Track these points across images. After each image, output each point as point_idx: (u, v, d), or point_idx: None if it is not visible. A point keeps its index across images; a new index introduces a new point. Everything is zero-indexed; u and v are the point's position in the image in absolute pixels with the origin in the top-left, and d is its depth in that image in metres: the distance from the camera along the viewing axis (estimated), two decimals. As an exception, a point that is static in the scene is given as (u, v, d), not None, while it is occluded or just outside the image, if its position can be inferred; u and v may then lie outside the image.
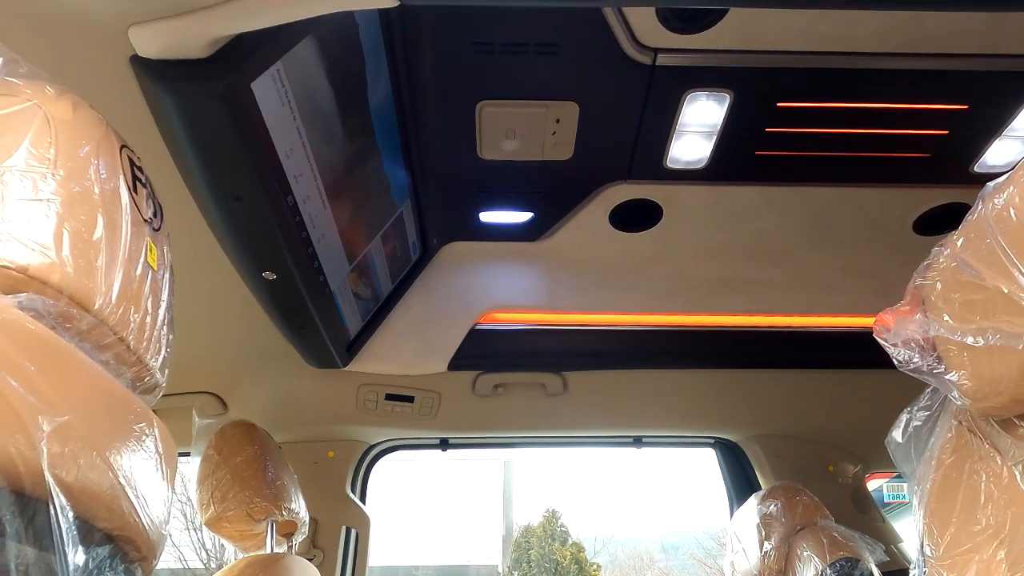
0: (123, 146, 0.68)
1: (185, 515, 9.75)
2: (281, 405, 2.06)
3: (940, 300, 0.73)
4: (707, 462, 2.54)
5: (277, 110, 1.11)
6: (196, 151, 1.07)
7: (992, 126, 1.56)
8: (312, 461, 2.09)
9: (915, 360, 0.76)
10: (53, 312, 0.53)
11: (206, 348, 1.85)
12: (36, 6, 0.87)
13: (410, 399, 2.05)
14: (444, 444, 2.26)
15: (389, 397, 2.04)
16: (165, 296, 0.69)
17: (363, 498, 2.23)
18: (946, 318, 0.72)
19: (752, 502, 1.84)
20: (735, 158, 1.64)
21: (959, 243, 0.72)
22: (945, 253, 0.74)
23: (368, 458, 2.26)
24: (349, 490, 2.15)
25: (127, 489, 0.58)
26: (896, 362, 0.78)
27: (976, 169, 1.67)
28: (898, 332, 0.77)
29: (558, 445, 2.39)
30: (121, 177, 0.64)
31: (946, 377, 0.72)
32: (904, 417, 0.85)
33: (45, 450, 0.48)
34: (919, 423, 0.84)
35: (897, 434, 0.85)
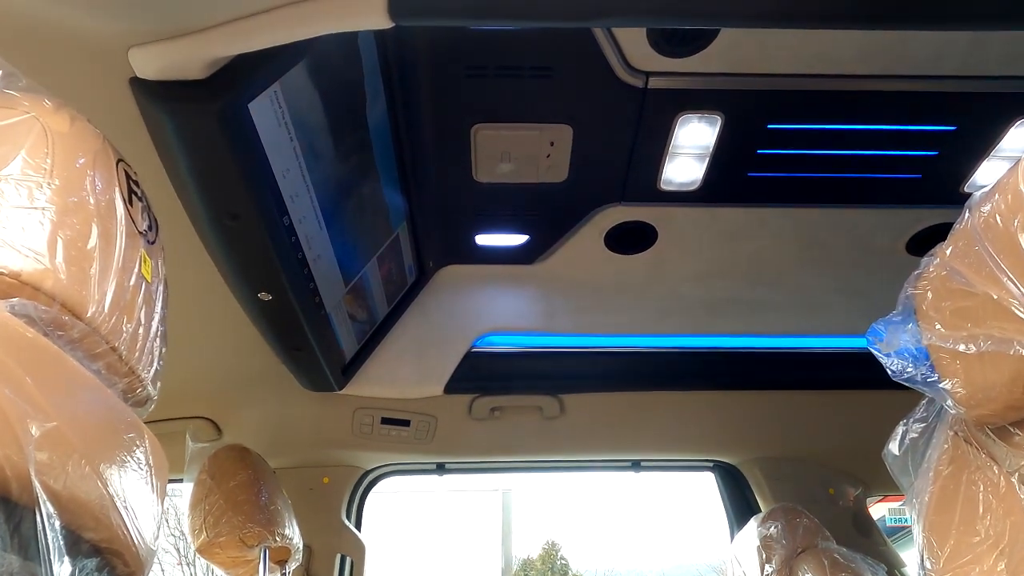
0: (119, 160, 0.69)
1: (178, 549, 9.57)
2: (276, 429, 2.04)
3: (931, 309, 0.73)
4: (707, 488, 2.52)
5: (274, 131, 1.12)
6: (193, 170, 1.08)
7: (980, 147, 1.58)
8: (307, 487, 2.06)
9: (909, 370, 0.76)
10: (45, 318, 0.53)
11: (200, 372, 1.84)
12: (38, 28, 0.88)
13: (406, 423, 2.04)
14: (440, 468, 2.24)
15: (385, 421, 2.02)
16: (159, 308, 0.69)
17: (358, 525, 2.20)
18: (938, 326, 0.72)
19: (752, 524, 1.82)
20: (727, 180, 1.66)
21: (948, 252, 0.72)
22: (935, 262, 0.74)
23: (364, 483, 2.24)
24: (344, 516, 2.13)
25: (116, 500, 0.57)
26: (890, 372, 0.78)
27: (966, 189, 1.69)
28: (891, 342, 0.77)
29: (555, 469, 2.37)
30: (117, 189, 0.65)
31: (940, 386, 0.72)
32: (900, 429, 0.84)
33: (33, 455, 0.47)
34: (915, 435, 0.83)
35: (894, 447, 0.84)
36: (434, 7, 0.90)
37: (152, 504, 0.64)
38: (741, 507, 2.28)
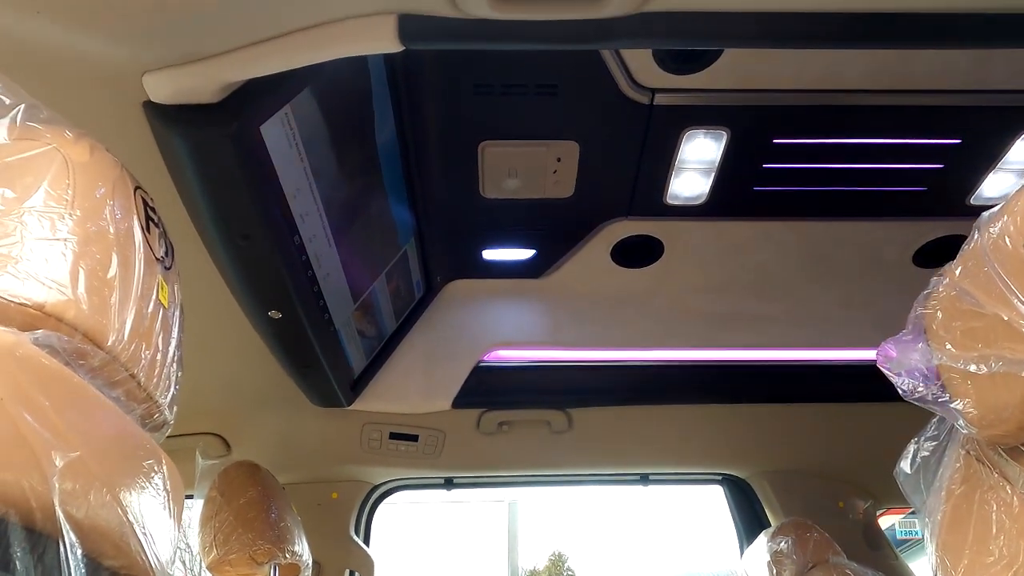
0: (137, 187, 0.70)
1: (184, 562, 9.54)
2: (285, 445, 2.04)
3: (941, 328, 0.73)
4: (714, 499, 2.51)
5: (285, 152, 1.13)
6: (206, 192, 1.10)
7: (986, 159, 1.59)
8: (316, 502, 2.06)
9: (919, 389, 0.76)
10: (68, 348, 0.54)
11: (209, 388, 1.85)
12: (55, 54, 0.90)
13: (414, 438, 2.04)
14: (448, 483, 2.24)
15: (393, 436, 2.03)
16: (175, 334, 0.70)
17: (367, 540, 2.20)
18: (948, 346, 0.72)
19: (762, 539, 1.81)
20: (733, 194, 1.66)
21: (957, 272, 0.73)
22: (944, 282, 0.75)
23: (372, 499, 2.24)
24: (353, 532, 2.12)
25: (135, 527, 0.58)
26: (900, 391, 0.78)
27: (973, 201, 1.69)
28: (901, 362, 0.78)
29: (564, 484, 2.37)
30: (135, 217, 0.66)
31: (951, 406, 0.72)
32: (912, 447, 0.84)
33: (57, 486, 0.48)
34: (927, 453, 0.83)
35: (905, 465, 0.84)
36: (444, 31, 0.91)
37: (169, 529, 0.64)
38: (750, 520, 2.27)
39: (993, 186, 1.66)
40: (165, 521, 0.63)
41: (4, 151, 0.58)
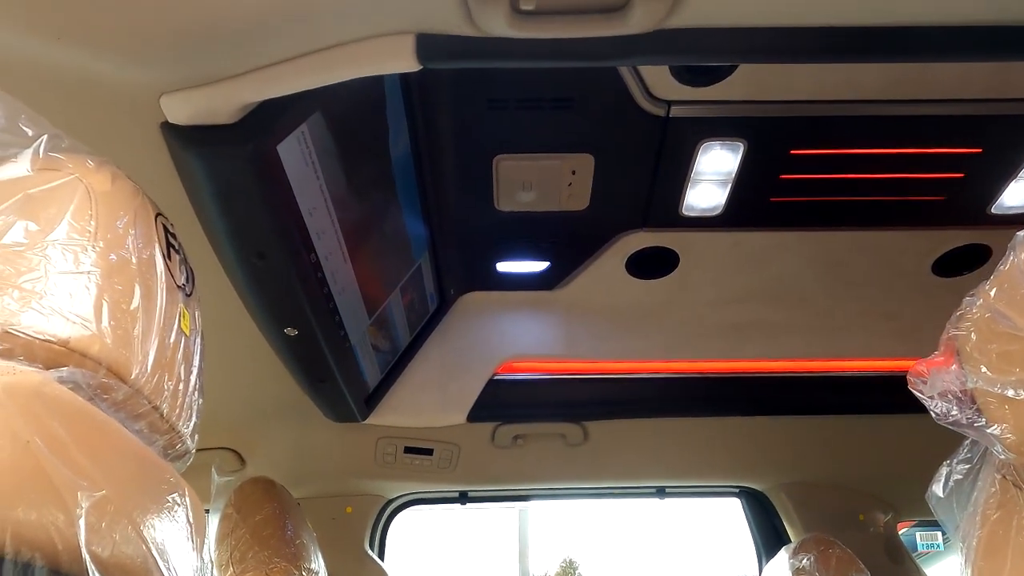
0: (158, 214, 0.70)
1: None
2: (299, 460, 2.04)
3: (976, 351, 0.72)
4: (729, 508, 2.48)
5: (301, 170, 1.13)
6: (222, 211, 1.09)
7: (1007, 168, 1.56)
8: (330, 517, 2.05)
9: (953, 413, 0.74)
10: (92, 384, 0.53)
11: (224, 404, 1.85)
12: (74, 78, 0.90)
13: (429, 452, 2.03)
14: (463, 498, 2.22)
15: (408, 450, 2.02)
16: (196, 362, 0.70)
17: (381, 555, 2.19)
18: (983, 369, 0.71)
19: (783, 556, 1.78)
20: (750, 205, 1.65)
21: (992, 293, 0.71)
22: (978, 303, 0.73)
23: (386, 513, 2.23)
24: (367, 546, 2.11)
25: (160, 562, 0.57)
26: (934, 415, 0.76)
27: (993, 210, 1.67)
28: (934, 384, 0.76)
29: (579, 496, 2.35)
30: (156, 245, 0.66)
31: (988, 431, 0.70)
32: (944, 470, 0.82)
33: (83, 527, 0.47)
34: (960, 477, 0.81)
35: (938, 488, 0.82)
36: (462, 50, 0.91)
37: (193, 561, 0.64)
38: (768, 534, 2.24)
39: (1014, 195, 1.64)
40: (188, 554, 0.63)
41: (28, 182, 0.58)
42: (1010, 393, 0.67)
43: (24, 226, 0.55)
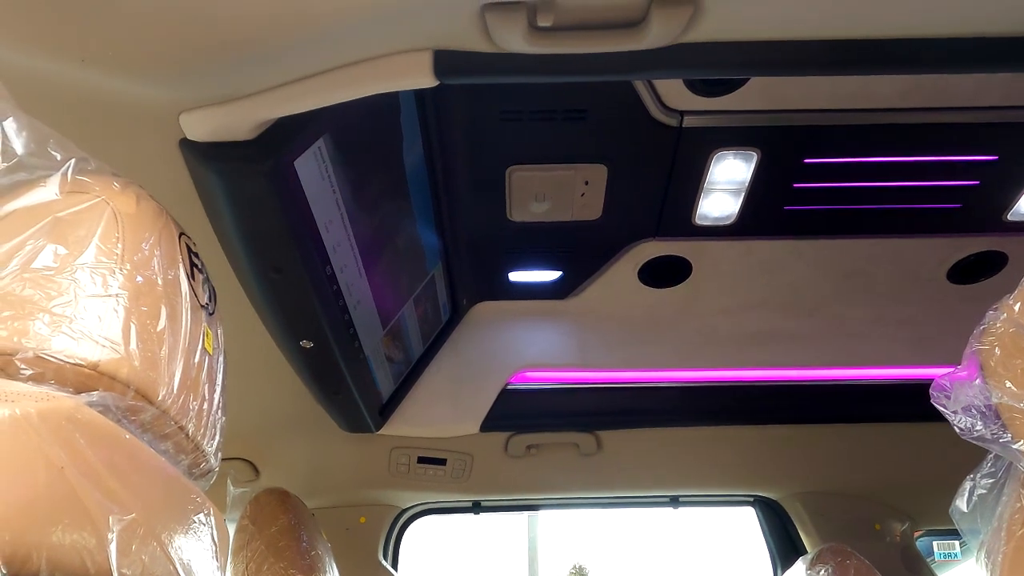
0: (181, 233, 0.70)
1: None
2: (313, 470, 2.04)
3: (1000, 366, 0.71)
4: (744, 519, 2.46)
5: (318, 184, 1.14)
6: (240, 226, 1.10)
7: (1023, 175, 1.55)
8: (344, 527, 2.05)
9: (978, 427, 0.74)
10: (121, 406, 0.54)
11: (238, 414, 1.84)
12: (96, 98, 0.91)
13: (442, 462, 2.03)
14: (476, 507, 2.22)
15: (421, 460, 2.02)
16: (220, 380, 0.70)
17: (395, 565, 2.19)
18: (1008, 385, 0.70)
19: (800, 567, 1.77)
20: (763, 214, 1.64)
21: (1016, 308, 0.71)
22: (1002, 318, 0.73)
23: (400, 523, 2.23)
24: (381, 556, 2.11)
25: (186, 582, 0.57)
26: (957, 430, 0.76)
27: (1010, 217, 1.66)
28: (958, 398, 0.75)
29: (593, 506, 2.34)
30: (181, 265, 0.66)
31: (1014, 447, 0.70)
32: (967, 485, 0.82)
33: (114, 550, 0.48)
34: (984, 491, 0.81)
35: (961, 503, 0.82)
36: (479, 66, 0.91)
37: (217, 579, 0.64)
38: (783, 542, 2.23)
39: (1031, 202, 1.63)
40: (214, 573, 0.63)
41: (56, 206, 0.59)
42: (1036, 409, 0.66)
43: (54, 250, 0.56)
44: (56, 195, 0.59)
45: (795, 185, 1.59)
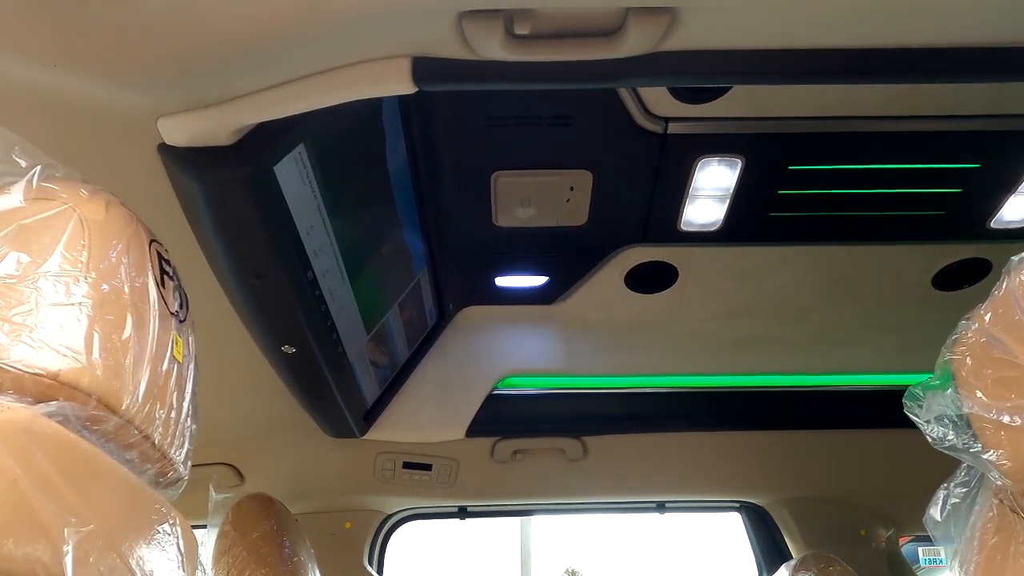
0: (152, 240, 0.70)
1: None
2: (298, 475, 2.03)
3: (972, 376, 0.71)
4: (732, 523, 2.47)
5: (299, 189, 1.13)
6: (220, 232, 1.10)
7: (1006, 183, 1.56)
8: (329, 532, 2.05)
9: (950, 437, 0.74)
10: (82, 416, 0.53)
11: (222, 420, 1.84)
12: (72, 103, 0.90)
13: (428, 467, 2.02)
14: (462, 512, 2.22)
15: (407, 465, 2.01)
16: (189, 387, 0.70)
17: (380, 571, 2.18)
18: (979, 395, 0.70)
19: (783, 573, 1.77)
20: (749, 220, 1.65)
21: (987, 318, 0.71)
22: (973, 328, 0.73)
23: (385, 528, 2.22)
24: (366, 562, 2.10)
25: (149, 593, 0.57)
26: (930, 439, 0.76)
27: (993, 225, 1.67)
28: (930, 408, 0.76)
29: (579, 511, 2.34)
30: (150, 272, 0.66)
31: (983, 456, 0.70)
32: (941, 494, 0.82)
33: (70, 563, 0.47)
34: (957, 500, 0.81)
35: (935, 512, 0.82)
36: (457, 73, 0.91)
37: (183, 590, 0.63)
38: (769, 548, 2.23)
39: (1014, 210, 1.64)
40: (179, 583, 0.62)
41: (21, 213, 0.58)
42: (1006, 419, 0.67)
43: (16, 258, 0.55)
44: (20, 202, 0.58)
45: (780, 192, 1.59)
